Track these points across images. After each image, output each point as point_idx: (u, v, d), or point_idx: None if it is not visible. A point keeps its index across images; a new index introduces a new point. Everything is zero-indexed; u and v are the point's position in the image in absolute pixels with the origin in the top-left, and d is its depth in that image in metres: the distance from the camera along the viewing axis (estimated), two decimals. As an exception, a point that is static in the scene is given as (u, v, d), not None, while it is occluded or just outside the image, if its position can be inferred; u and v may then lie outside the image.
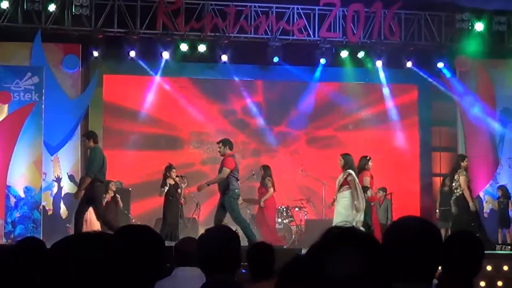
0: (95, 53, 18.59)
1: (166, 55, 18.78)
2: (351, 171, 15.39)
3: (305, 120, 20.43)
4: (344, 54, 19.28)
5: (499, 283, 12.83)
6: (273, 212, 17.75)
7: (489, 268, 13.15)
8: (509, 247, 17.32)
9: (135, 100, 19.76)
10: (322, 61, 19.25)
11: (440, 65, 19.62)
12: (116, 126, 19.71)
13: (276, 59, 18.99)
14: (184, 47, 18.73)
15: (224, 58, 18.96)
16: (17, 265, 3.09)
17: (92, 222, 16.53)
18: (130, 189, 18.35)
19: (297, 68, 19.86)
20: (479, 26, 18.79)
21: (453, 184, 16.50)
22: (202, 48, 18.78)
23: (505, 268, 13.20)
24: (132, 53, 18.68)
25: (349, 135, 20.57)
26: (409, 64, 19.61)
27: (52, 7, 17.79)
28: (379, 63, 19.49)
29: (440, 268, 4.27)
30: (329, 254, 2.53)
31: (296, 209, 18.85)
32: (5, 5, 17.50)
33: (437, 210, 18.50)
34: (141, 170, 19.24)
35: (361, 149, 20.30)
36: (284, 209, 18.45)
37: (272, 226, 17.38)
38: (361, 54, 19.40)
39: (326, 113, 20.53)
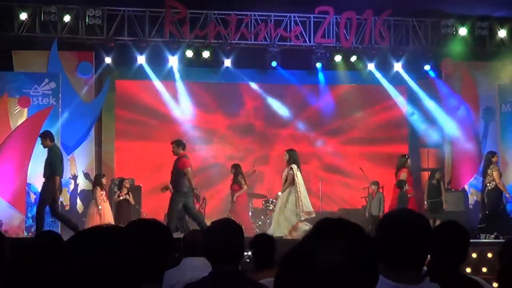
0: (107, 60, 18.63)
1: (173, 60, 18.81)
2: (294, 165, 15.80)
3: (301, 120, 20.39)
4: (337, 58, 19.31)
5: (484, 269, 12.83)
6: (245, 206, 17.83)
7: (474, 255, 13.17)
8: (493, 236, 17.32)
9: (145, 104, 19.73)
10: (318, 65, 19.27)
11: (427, 67, 19.65)
12: (127, 128, 19.71)
13: (274, 64, 19.00)
14: (189, 53, 18.75)
15: (227, 63, 19.00)
16: (37, 257, 3.10)
17: (106, 215, 16.58)
18: (141, 185, 18.36)
19: (294, 72, 19.85)
20: (463, 31, 18.80)
21: (486, 179, 16.78)
22: (206, 54, 18.82)
23: (489, 255, 13.20)
24: (141, 59, 18.72)
25: (343, 134, 20.54)
26: (398, 67, 19.63)
27: (67, 18, 17.83)
28: (371, 66, 19.51)
29: (429, 256, 4.26)
30: (320, 245, 2.52)
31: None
32: (24, 16, 17.58)
33: (426, 202, 18.45)
34: (151, 167, 19.22)
35: (354, 147, 20.42)
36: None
37: (245, 218, 17.26)
38: (353, 58, 19.41)
39: (322, 114, 20.50)
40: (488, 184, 16.60)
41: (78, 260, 2.51)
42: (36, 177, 17.20)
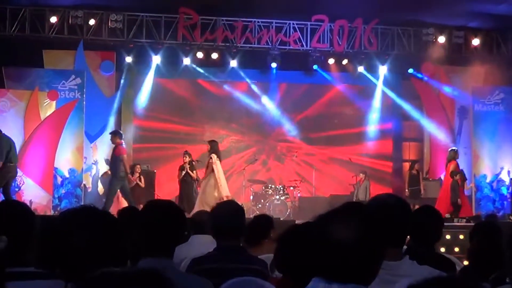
0: (127, 59, 18.61)
1: (185, 61, 18.77)
2: (214, 155, 15.82)
3: (299, 115, 20.37)
4: (331, 61, 19.30)
5: (456, 249, 12.87)
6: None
7: (448, 236, 13.21)
8: (464, 219, 17.34)
9: (160, 99, 19.71)
10: (314, 66, 19.25)
11: (410, 70, 19.65)
12: (145, 121, 19.70)
13: (274, 65, 19.00)
14: (200, 54, 18.75)
15: (233, 63, 18.94)
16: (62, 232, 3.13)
17: (120, 199, 16.63)
18: (155, 171, 18.35)
19: (292, 73, 19.83)
20: (441, 39, 18.80)
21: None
22: (214, 55, 18.83)
23: (461, 237, 13.22)
24: (157, 59, 18.72)
25: (335, 129, 20.52)
26: (384, 69, 19.62)
27: (92, 22, 17.83)
28: (360, 68, 19.50)
29: (408, 237, 4.28)
30: (337, 222, 2.55)
31: (291, 188, 18.87)
32: (53, 19, 17.61)
33: (407, 190, 18.53)
34: (164, 154, 19.22)
35: (344, 140, 20.42)
36: (281, 188, 18.46)
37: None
38: (345, 61, 19.41)
39: (316, 111, 20.47)
40: None
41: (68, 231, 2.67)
42: (62, 162, 17.27)
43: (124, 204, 15.43)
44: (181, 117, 19.87)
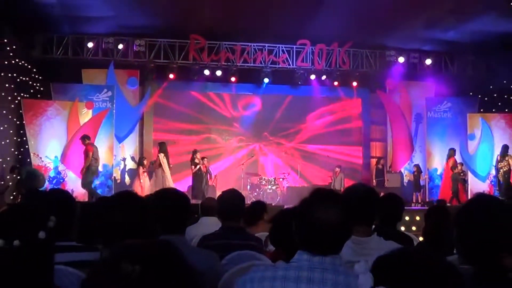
0: (148, 76, 18.61)
1: (195, 77, 18.77)
2: (161, 154, 16.83)
3: (287, 120, 20.37)
4: (312, 77, 19.29)
5: (413, 228, 12.90)
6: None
7: (407, 218, 13.25)
8: (419, 204, 17.40)
9: (175, 107, 19.71)
10: (299, 82, 19.25)
11: (376, 85, 19.64)
12: (163, 125, 19.70)
13: (267, 80, 19.00)
14: (207, 72, 18.71)
15: (233, 79, 18.94)
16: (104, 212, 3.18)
17: (145, 186, 16.64)
18: (171, 165, 18.32)
19: (281, 86, 19.81)
20: (401, 59, 18.80)
21: (502, 163, 17.16)
22: (218, 72, 18.79)
23: (417, 218, 13.26)
24: (172, 76, 18.71)
25: (317, 131, 20.53)
26: (355, 84, 19.64)
27: (120, 46, 17.87)
28: (336, 83, 19.48)
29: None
30: (318, 205, 2.57)
31: (281, 179, 18.88)
32: (90, 45, 17.70)
33: (374, 180, 18.57)
34: (177, 151, 19.21)
35: (323, 139, 20.42)
36: (273, 180, 18.47)
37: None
38: (323, 77, 19.39)
39: (301, 117, 20.48)
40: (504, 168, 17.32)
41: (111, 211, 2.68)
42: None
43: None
44: (191, 122, 19.83)
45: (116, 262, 1.32)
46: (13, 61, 16.20)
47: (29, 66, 17.31)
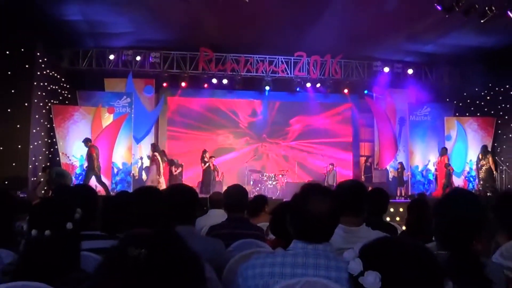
0: (163, 85, 18.63)
1: (204, 85, 18.79)
2: (156, 153, 16.94)
3: (286, 123, 20.39)
4: (308, 85, 19.28)
5: (397, 219, 12.90)
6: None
7: (392, 209, 13.25)
8: (403, 197, 17.37)
9: (186, 112, 19.73)
10: (296, 89, 19.27)
11: (365, 92, 19.65)
12: (175, 128, 19.71)
13: (268, 88, 19.02)
14: (214, 81, 18.74)
15: (238, 87, 18.95)
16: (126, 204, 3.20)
17: (160, 182, 16.62)
18: (182, 164, 18.37)
19: (280, 93, 19.81)
20: (386, 69, 18.80)
21: (483, 161, 17.12)
22: (225, 81, 18.81)
23: (401, 209, 13.26)
24: (184, 84, 18.71)
25: (312, 133, 20.53)
26: (346, 91, 19.63)
27: (138, 58, 17.88)
28: (329, 91, 19.47)
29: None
30: (308, 199, 2.57)
31: (280, 176, 18.86)
32: (111, 57, 17.73)
33: (363, 176, 18.55)
34: (190, 152, 19.22)
35: (319, 140, 20.41)
36: (273, 176, 18.46)
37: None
38: (318, 85, 19.38)
39: (298, 120, 20.48)
40: (484, 166, 17.23)
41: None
42: (118, 158, 17.26)
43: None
44: (200, 124, 19.84)
45: (124, 247, 1.35)
46: (44, 72, 16.26)
47: (58, 76, 17.36)
